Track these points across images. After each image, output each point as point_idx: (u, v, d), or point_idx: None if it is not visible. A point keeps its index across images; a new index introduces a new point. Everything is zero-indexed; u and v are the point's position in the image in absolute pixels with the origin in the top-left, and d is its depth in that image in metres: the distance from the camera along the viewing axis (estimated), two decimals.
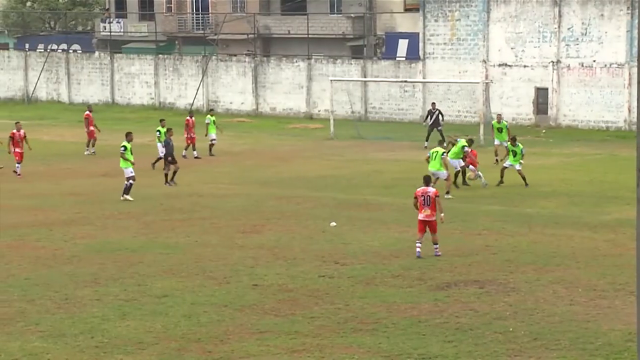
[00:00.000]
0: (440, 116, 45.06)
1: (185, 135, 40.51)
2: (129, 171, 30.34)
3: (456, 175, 32.47)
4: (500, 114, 41.69)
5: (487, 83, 51.68)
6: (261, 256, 22.06)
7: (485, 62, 53.51)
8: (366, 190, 32.06)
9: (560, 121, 52.04)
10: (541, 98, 52.58)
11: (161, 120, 39.39)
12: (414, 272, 20.48)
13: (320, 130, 51.04)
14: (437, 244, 21.87)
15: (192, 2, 69.80)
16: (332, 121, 49.19)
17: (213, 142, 41.45)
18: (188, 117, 41.52)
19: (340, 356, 15.24)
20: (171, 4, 70.38)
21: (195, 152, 40.64)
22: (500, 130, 39.70)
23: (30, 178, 34.08)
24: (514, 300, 18.27)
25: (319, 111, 57.81)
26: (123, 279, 19.89)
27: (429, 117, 45.56)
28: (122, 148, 30.72)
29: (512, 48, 52.92)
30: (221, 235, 24.53)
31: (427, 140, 43.66)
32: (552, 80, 52.09)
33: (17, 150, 35.73)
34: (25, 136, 36.41)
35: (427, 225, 21.79)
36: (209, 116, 42.58)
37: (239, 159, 40.16)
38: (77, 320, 17.09)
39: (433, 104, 47.17)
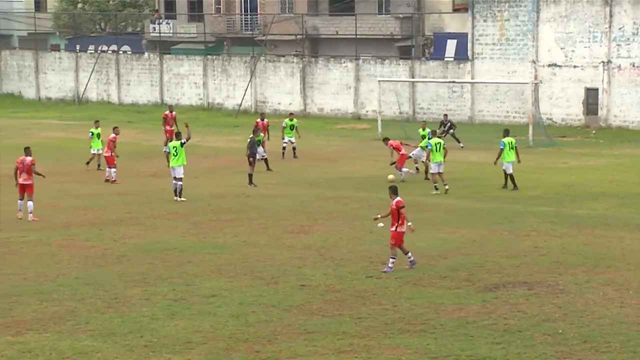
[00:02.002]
0: (452, 128, 45.15)
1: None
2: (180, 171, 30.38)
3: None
4: (424, 122, 39.87)
5: (536, 83, 51.32)
6: (309, 257, 22.09)
7: (534, 63, 53.14)
8: (414, 191, 31.96)
9: (610, 122, 51.53)
10: (591, 98, 52.09)
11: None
12: (462, 273, 20.40)
13: (368, 131, 51.00)
14: (407, 253, 20.99)
15: (241, 3, 70.05)
16: (379, 122, 49.13)
17: (286, 145, 41.17)
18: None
19: (388, 357, 15.21)
20: (220, 4, 70.68)
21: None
22: (292, 128, 40.94)
23: (80, 178, 34.38)
24: (563, 302, 18.12)
25: (367, 112, 57.77)
26: (172, 279, 20.01)
27: (441, 127, 45.52)
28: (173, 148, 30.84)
29: (561, 48, 52.50)
30: (269, 235, 24.59)
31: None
32: (602, 81, 51.60)
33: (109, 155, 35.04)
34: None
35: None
36: (286, 120, 41.94)
37: (286, 160, 40.24)
38: (126, 319, 17.22)
39: (445, 115, 47.35)
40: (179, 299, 18.55)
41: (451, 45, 58.83)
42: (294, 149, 41.06)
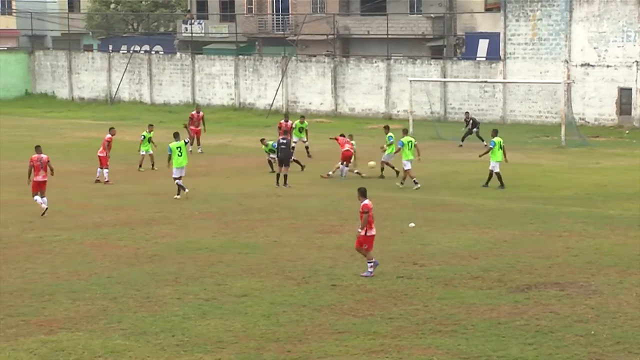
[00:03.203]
0: (475, 126, 45.12)
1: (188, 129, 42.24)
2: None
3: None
4: (386, 126, 38.38)
5: (568, 83, 51.05)
6: (339, 256, 22.09)
7: (567, 62, 52.87)
8: (445, 191, 31.90)
9: None
10: (624, 98, 51.75)
11: (301, 117, 41.50)
12: (494, 273, 20.32)
13: (399, 131, 50.85)
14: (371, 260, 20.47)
15: (273, 3, 70.19)
16: (411, 121, 49.04)
17: (295, 145, 41.11)
18: (194, 112, 43.99)
19: (419, 357, 15.18)
20: (252, 5, 70.85)
21: (199, 148, 42.53)
22: (301, 130, 40.98)
23: (111, 178, 34.56)
24: (595, 303, 18.01)
25: (398, 112, 57.70)
26: (203, 278, 20.07)
27: (467, 125, 45.62)
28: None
29: (594, 48, 52.19)
30: (300, 235, 24.61)
31: (462, 140, 45.01)
32: (636, 81, 51.24)
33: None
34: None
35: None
36: (297, 122, 41.56)
37: (317, 159, 40.24)
38: (158, 318, 17.29)
39: (467, 113, 47.25)
40: (210, 298, 18.61)
41: (483, 45, 58.65)
42: (307, 148, 40.98)
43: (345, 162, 34.70)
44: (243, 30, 70.70)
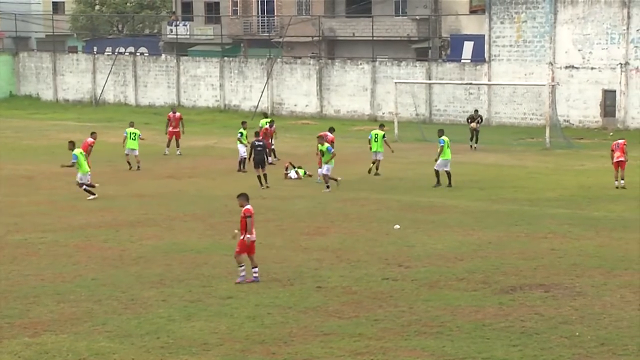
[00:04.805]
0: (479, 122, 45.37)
1: (167, 130, 42.91)
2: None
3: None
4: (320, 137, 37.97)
5: (553, 85, 51.20)
6: (325, 258, 22.09)
7: (551, 64, 53.03)
8: (430, 193, 31.95)
9: (628, 124, 51.37)
10: (608, 100, 51.94)
11: (243, 122, 40.11)
12: (479, 275, 20.36)
13: (385, 133, 50.89)
14: (255, 267, 20.01)
15: (258, 4, 70.16)
16: (396, 123, 49.10)
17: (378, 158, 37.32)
18: (170, 113, 43.50)
19: (404, 359, 15.19)
20: (237, 6, 70.82)
21: (178, 150, 42.45)
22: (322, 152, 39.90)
23: (97, 180, 34.48)
24: (580, 305, 18.07)
25: (384, 113, 57.76)
26: (188, 280, 20.04)
27: (470, 121, 45.83)
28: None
29: (579, 50, 52.37)
30: (285, 237, 24.61)
31: (471, 141, 44.88)
32: (620, 83, 51.44)
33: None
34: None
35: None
36: (376, 131, 37.30)
37: (303, 162, 40.24)
38: (143, 320, 17.26)
39: (476, 111, 47.49)
40: (196, 300, 18.59)
41: (468, 47, 58.77)
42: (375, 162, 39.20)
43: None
44: (228, 32, 70.66)
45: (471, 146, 44.74)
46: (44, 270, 21.19)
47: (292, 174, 35.82)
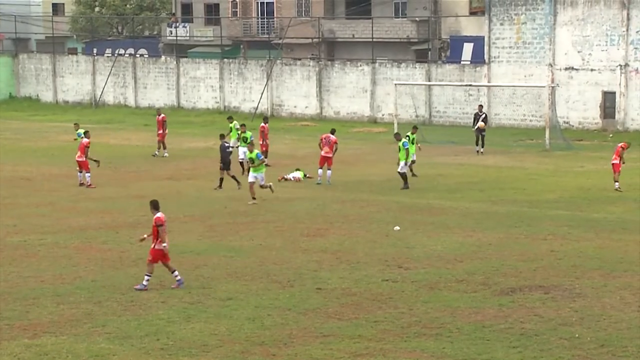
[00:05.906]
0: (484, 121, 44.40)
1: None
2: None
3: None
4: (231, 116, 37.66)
5: (553, 87, 51.19)
6: (325, 260, 22.09)
7: (551, 66, 53.02)
8: (430, 195, 31.95)
9: (628, 125, 51.35)
10: (608, 102, 51.92)
11: (230, 119, 40.11)
12: (478, 276, 20.36)
13: (384, 134, 50.94)
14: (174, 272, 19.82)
15: (258, 6, 70.16)
16: (396, 125, 49.08)
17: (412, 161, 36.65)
18: (162, 115, 43.51)
19: None
20: (237, 8, 70.82)
21: (165, 152, 42.27)
22: (245, 140, 38.44)
23: (96, 181, 34.48)
24: (580, 306, 18.07)
25: (383, 115, 57.75)
26: (188, 282, 20.03)
27: (476, 120, 44.86)
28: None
29: (579, 51, 52.36)
30: (285, 238, 24.61)
31: (477, 145, 43.58)
32: (619, 84, 51.43)
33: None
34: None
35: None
36: (407, 136, 35.52)
37: (303, 163, 40.24)
38: (142, 322, 17.26)
39: (480, 106, 47.00)
40: (195, 302, 18.59)
41: (468, 49, 58.76)
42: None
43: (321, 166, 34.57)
44: (228, 34, 70.65)
45: (477, 151, 43.20)
46: (44, 271, 21.19)
47: (296, 173, 35.65)
